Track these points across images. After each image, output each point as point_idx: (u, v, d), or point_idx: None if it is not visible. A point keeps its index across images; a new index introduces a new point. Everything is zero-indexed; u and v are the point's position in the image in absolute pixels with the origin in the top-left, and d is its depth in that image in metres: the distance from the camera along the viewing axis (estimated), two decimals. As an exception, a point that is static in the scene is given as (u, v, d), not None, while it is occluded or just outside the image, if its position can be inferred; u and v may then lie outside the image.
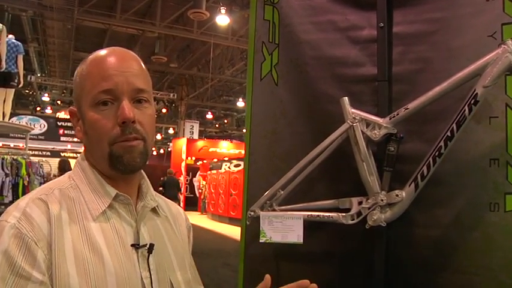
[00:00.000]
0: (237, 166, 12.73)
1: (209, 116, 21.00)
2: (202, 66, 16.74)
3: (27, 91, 18.27)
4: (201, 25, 12.04)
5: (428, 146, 1.17)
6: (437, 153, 1.14)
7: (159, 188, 9.51)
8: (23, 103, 20.34)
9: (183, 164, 16.80)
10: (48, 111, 20.82)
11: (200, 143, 17.67)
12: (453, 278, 1.19)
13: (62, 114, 18.77)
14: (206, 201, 14.34)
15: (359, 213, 1.28)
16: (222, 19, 10.60)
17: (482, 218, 1.15)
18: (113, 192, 0.71)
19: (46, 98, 19.47)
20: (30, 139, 7.78)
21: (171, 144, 18.51)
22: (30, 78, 15.86)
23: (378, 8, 1.35)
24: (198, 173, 16.57)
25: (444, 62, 1.24)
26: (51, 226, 0.65)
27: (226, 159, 15.00)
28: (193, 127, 19.68)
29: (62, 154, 16.79)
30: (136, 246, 0.70)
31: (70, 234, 0.66)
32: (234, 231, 9.39)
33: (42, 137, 17.53)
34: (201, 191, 15.37)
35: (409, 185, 1.19)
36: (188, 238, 0.88)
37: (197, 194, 16.34)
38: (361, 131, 1.27)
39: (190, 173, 17.00)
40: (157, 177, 18.06)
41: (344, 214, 1.30)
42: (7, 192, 5.08)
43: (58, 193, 0.70)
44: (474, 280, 1.15)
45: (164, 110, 19.13)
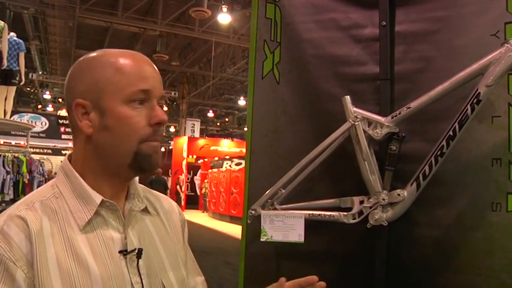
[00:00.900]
0: (238, 165, 12.72)
1: (210, 115, 21.01)
2: (203, 64, 16.73)
3: (28, 89, 18.30)
4: (203, 23, 12.03)
5: (430, 146, 1.17)
6: (439, 152, 1.14)
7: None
8: (25, 101, 20.37)
9: (184, 163, 16.80)
10: (49, 109, 20.85)
11: (201, 142, 17.65)
12: (454, 278, 1.18)
13: (64, 112, 18.78)
14: (207, 199, 14.34)
15: (360, 212, 1.27)
16: (224, 17, 10.59)
17: (484, 218, 1.15)
18: (98, 199, 0.70)
19: (47, 96, 19.51)
20: (31, 137, 7.80)
21: (172, 142, 18.50)
22: (31, 76, 15.88)
23: (380, 7, 1.34)
24: (199, 172, 16.57)
25: (446, 61, 1.24)
26: (31, 243, 0.63)
27: (227, 157, 14.99)
28: (194, 125, 19.69)
29: (63, 152, 16.81)
30: (124, 252, 0.69)
31: (53, 248, 0.64)
32: (235, 229, 9.39)
33: (43, 135, 17.53)
34: (204, 191, 15.37)
35: (411, 185, 1.19)
36: (183, 232, 0.88)
37: (198, 193, 16.33)
38: (362, 130, 1.27)
39: (191, 172, 17.00)
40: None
41: (345, 213, 1.29)
42: (8, 190, 5.09)
43: (39, 206, 0.67)
44: (476, 280, 1.14)
45: (165, 108, 19.12)
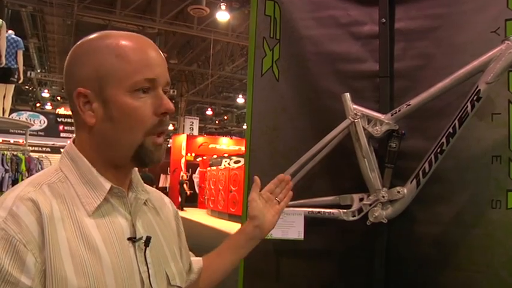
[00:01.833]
0: (237, 162, 12.73)
1: (209, 113, 20.98)
2: (202, 62, 16.70)
3: (27, 87, 18.23)
4: (201, 21, 12.00)
5: (430, 143, 1.17)
6: (439, 149, 1.14)
7: None
8: (23, 99, 20.31)
9: (183, 160, 16.79)
10: (48, 107, 20.77)
11: (200, 140, 17.65)
12: (454, 275, 1.18)
13: (62, 110, 18.73)
14: (206, 197, 14.34)
15: (360, 209, 1.27)
16: (222, 15, 10.55)
17: (483, 215, 1.15)
18: (108, 184, 0.68)
19: (46, 94, 19.44)
20: (30, 135, 7.78)
21: (171, 140, 18.48)
22: (30, 74, 15.82)
23: (380, 4, 1.34)
24: (198, 170, 16.57)
25: (446, 58, 1.23)
26: (43, 227, 0.60)
27: (226, 155, 14.99)
28: (193, 123, 19.67)
29: (62, 150, 16.77)
30: (133, 239, 0.68)
31: (64, 233, 0.62)
32: (234, 227, 9.39)
33: (42, 133, 17.49)
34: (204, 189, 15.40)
35: (411, 182, 1.19)
36: (177, 223, 0.88)
37: (197, 191, 16.34)
38: (362, 127, 1.26)
39: (190, 170, 16.99)
40: (156, 173, 18.08)
41: (345, 211, 1.29)
42: (7, 188, 5.08)
43: (47, 189, 0.65)
44: (475, 277, 1.14)
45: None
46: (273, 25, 1.54)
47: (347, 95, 1.31)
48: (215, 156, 15.70)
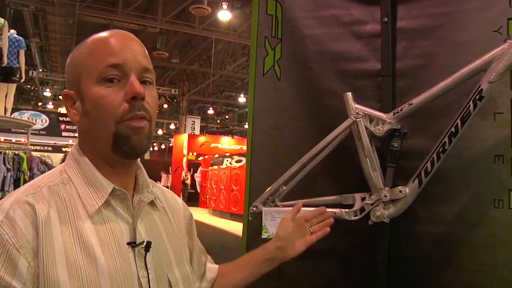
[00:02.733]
0: (238, 162, 12.73)
1: (210, 112, 21.00)
2: (203, 61, 16.71)
3: (28, 86, 18.30)
4: (203, 20, 12.01)
5: (432, 142, 1.16)
6: (441, 149, 1.13)
7: None
8: (25, 98, 20.38)
9: (185, 160, 16.81)
10: (49, 106, 20.85)
11: (201, 139, 17.67)
12: (456, 275, 1.18)
13: (64, 109, 18.79)
14: (208, 196, 14.34)
15: (362, 209, 1.27)
16: (224, 14, 10.56)
17: (486, 215, 1.14)
18: (110, 186, 0.68)
19: (48, 93, 19.52)
20: (31, 134, 7.81)
21: (173, 139, 18.50)
22: (32, 73, 15.87)
23: (382, 3, 1.33)
24: (200, 169, 16.59)
25: (449, 57, 1.23)
26: (38, 230, 0.60)
27: (227, 154, 15.00)
28: (194, 123, 19.69)
29: (64, 149, 16.81)
30: (132, 244, 0.67)
31: (61, 236, 0.62)
32: (235, 226, 9.40)
33: (43, 132, 17.55)
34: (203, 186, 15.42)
35: (413, 181, 1.18)
36: (190, 226, 0.87)
37: (198, 190, 16.35)
38: (364, 127, 1.26)
39: (191, 169, 17.01)
40: (158, 172, 18.10)
41: (347, 210, 1.29)
42: (8, 187, 5.09)
43: (46, 191, 0.65)
44: (478, 277, 1.14)
45: (166, 106, 19.12)
46: (275, 24, 1.53)
47: (349, 94, 1.31)
48: (217, 155, 15.71)
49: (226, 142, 17.72)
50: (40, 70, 17.30)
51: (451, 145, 1.12)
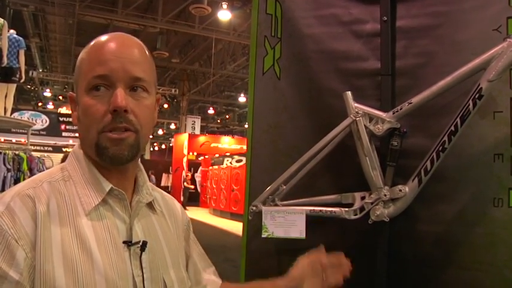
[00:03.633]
0: (239, 161, 12.74)
1: (211, 112, 20.99)
2: (203, 61, 16.71)
3: (28, 86, 18.30)
4: (203, 20, 12.01)
5: (431, 141, 1.16)
6: (441, 148, 1.13)
7: None
8: (25, 98, 20.38)
9: (185, 160, 16.81)
10: (50, 106, 20.84)
11: (202, 139, 17.66)
12: (456, 274, 1.18)
13: (64, 109, 18.77)
14: (208, 196, 14.34)
15: (362, 208, 1.27)
16: (224, 14, 10.56)
17: (485, 214, 1.14)
18: (107, 186, 0.68)
19: (48, 93, 19.53)
20: (31, 134, 7.81)
21: (173, 139, 18.51)
22: (31, 73, 15.87)
23: (381, 2, 1.33)
24: (200, 169, 16.59)
25: (448, 56, 1.23)
26: (36, 223, 0.61)
27: (227, 154, 15.00)
28: (195, 122, 19.68)
29: (64, 149, 16.83)
30: (128, 243, 0.68)
31: (59, 230, 0.62)
32: (236, 226, 9.40)
33: (43, 133, 17.55)
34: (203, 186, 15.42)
35: (413, 180, 1.18)
36: (187, 231, 0.87)
37: (199, 190, 16.36)
38: (364, 126, 1.26)
39: (192, 169, 17.01)
40: (159, 172, 18.10)
41: (347, 209, 1.29)
42: (9, 187, 5.09)
43: (47, 186, 0.66)
44: (478, 276, 1.14)
45: (166, 106, 19.13)
46: (274, 24, 1.53)
47: (348, 94, 1.30)
48: (217, 155, 15.72)
49: (226, 142, 17.71)
50: (40, 70, 17.29)
51: (451, 144, 1.12)
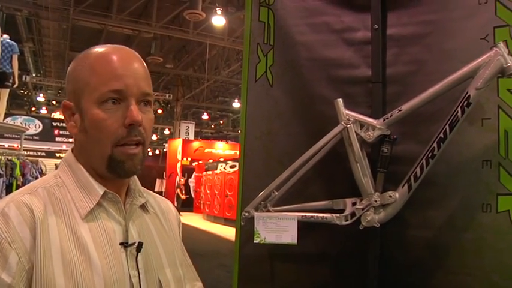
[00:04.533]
0: (233, 167, 12.71)
1: (205, 117, 20.96)
2: (198, 67, 16.72)
3: (22, 91, 18.15)
4: (197, 26, 12.03)
5: (421, 148, 1.18)
6: (430, 154, 1.15)
7: None
8: (18, 103, 20.21)
9: (179, 165, 16.74)
10: (43, 111, 20.67)
11: (196, 144, 17.61)
12: (446, 279, 1.19)
13: (57, 114, 18.62)
14: (202, 202, 14.28)
15: (353, 214, 1.28)
16: (218, 20, 10.59)
17: (474, 219, 1.16)
18: (101, 190, 0.70)
19: (41, 98, 19.35)
20: (24, 139, 7.73)
21: (167, 145, 18.43)
22: (25, 78, 15.75)
23: (372, 10, 1.36)
24: (194, 174, 16.52)
25: (437, 64, 1.25)
26: (35, 228, 0.62)
27: (221, 160, 14.97)
28: (189, 128, 19.63)
29: (57, 155, 16.69)
30: (125, 244, 0.69)
31: (57, 233, 0.64)
32: (230, 232, 9.34)
33: (37, 138, 17.40)
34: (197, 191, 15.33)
35: (403, 186, 1.20)
36: (179, 233, 0.88)
37: (193, 195, 16.28)
38: (355, 133, 1.27)
39: (186, 174, 16.94)
40: (152, 177, 17.99)
41: (338, 215, 1.30)
42: (1, 192, 5.04)
43: (42, 192, 0.67)
44: (467, 281, 1.15)
45: (160, 111, 19.08)
46: (267, 31, 1.55)
47: (339, 101, 1.32)
48: (211, 160, 15.67)
49: (220, 147, 17.68)
50: (33, 75, 17.16)
51: (440, 150, 1.14)
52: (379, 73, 1.33)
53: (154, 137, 26.79)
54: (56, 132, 17.63)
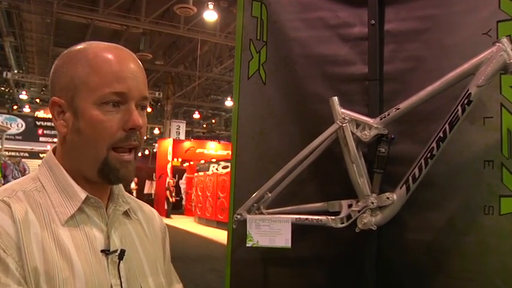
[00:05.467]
0: (225, 168, 12.61)
1: (196, 116, 20.80)
2: (189, 63, 16.58)
3: (3, 88, 17.76)
4: (188, 21, 11.87)
5: (420, 147, 1.15)
6: (429, 154, 1.12)
7: None
8: (-1, 101, 19.80)
9: (169, 166, 16.57)
10: (26, 110, 20.27)
11: (187, 144, 17.45)
12: (446, 283, 1.17)
13: (42, 113, 18.28)
14: (193, 204, 14.16)
15: (349, 216, 1.25)
16: (210, 15, 10.44)
17: (476, 222, 1.13)
18: (83, 194, 0.68)
19: (24, 96, 18.90)
20: (6, 139, 7.57)
21: (157, 145, 18.28)
22: (6, 74, 15.41)
23: (369, 5, 1.32)
24: (185, 175, 16.39)
25: (437, 61, 1.22)
26: (18, 233, 0.60)
27: (213, 160, 14.89)
28: (179, 127, 19.48)
29: (41, 155, 16.40)
30: (106, 252, 0.68)
31: (40, 238, 0.62)
32: (222, 235, 9.26)
33: (19, 137, 17.08)
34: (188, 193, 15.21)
35: (400, 187, 1.16)
36: (163, 240, 0.86)
37: (183, 197, 16.16)
38: (351, 132, 1.24)
39: (176, 175, 16.79)
40: (142, 179, 17.80)
41: (333, 217, 1.27)
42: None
43: (22, 195, 0.65)
44: (468, 285, 1.13)
45: (149, 109, 18.91)
46: (260, 27, 1.51)
47: (335, 99, 1.28)
48: (202, 161, 15.58)
49: (212, 147, 17.54)
50: (15, 71, 16.76)
51: (440, 150, 1.11)
52: (376, 70, 1.30)
53: (143, 136, 26.53)
54: (40, 131, 17.32)
